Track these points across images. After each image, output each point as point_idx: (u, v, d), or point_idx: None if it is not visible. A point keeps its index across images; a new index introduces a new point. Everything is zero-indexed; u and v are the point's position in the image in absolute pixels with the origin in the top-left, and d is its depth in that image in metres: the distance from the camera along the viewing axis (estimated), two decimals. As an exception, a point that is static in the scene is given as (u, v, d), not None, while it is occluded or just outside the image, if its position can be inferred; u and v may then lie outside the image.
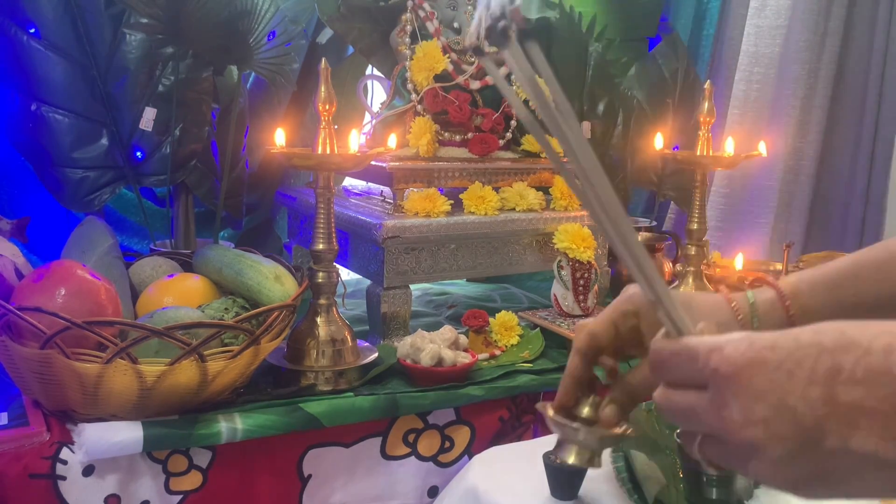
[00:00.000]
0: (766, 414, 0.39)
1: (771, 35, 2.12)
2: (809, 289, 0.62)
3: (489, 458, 1.06)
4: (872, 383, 0.37)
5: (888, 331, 0.38)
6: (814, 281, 0.63)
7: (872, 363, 0.37)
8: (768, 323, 0.62)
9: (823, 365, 0.38)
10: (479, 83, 1.46)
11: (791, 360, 0.39)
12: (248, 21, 1.38)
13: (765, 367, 0.40)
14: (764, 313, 0.62)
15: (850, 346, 0.38)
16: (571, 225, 1.35)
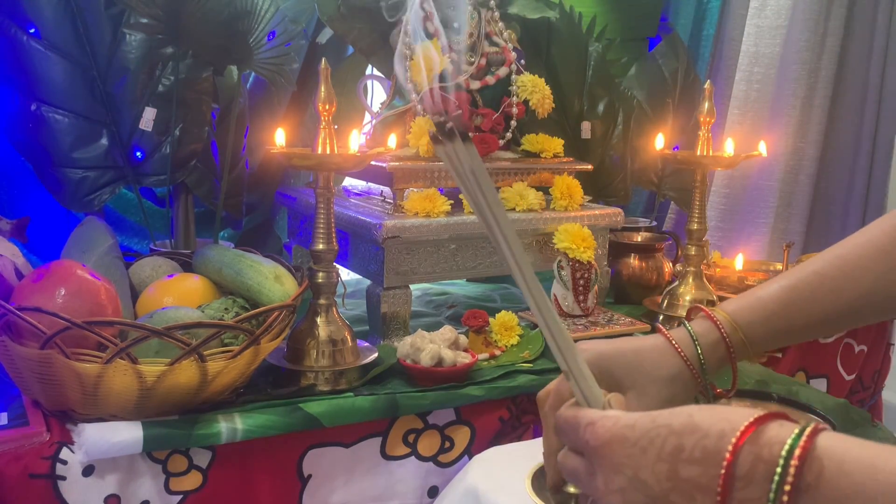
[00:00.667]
0: (622, 484, 0.45)
1: (771, 35, 2.12)
2: (747, 325, 0.67)
3: (489, 458, 1.06)
4: (707, 463, 0.42)
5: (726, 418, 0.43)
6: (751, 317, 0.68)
7: (707, 445, 0.42)
8: (714, 362, 0.67)
9: (670, 444, 0.44)
10: (479, 83, 1.46)
11: (645, 438, 0.45)
12: (248, 21, 1.38)
13: (624, 443, 0.46)
14: (709, 355, 0.67)
15: (694, 430, 0.44)
16: (571, 225, 1.35)
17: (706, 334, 0.67)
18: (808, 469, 0.40)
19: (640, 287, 1.63)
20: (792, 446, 0.40)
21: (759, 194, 2.19)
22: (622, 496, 0.46)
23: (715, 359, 0.67)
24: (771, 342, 0.67)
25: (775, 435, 0.41)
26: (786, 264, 1.70)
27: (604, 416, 0.49)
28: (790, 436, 0.41)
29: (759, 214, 2.19)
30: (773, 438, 0.41)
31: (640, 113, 1.91)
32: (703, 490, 0.42)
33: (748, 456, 0.41)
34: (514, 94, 1.47)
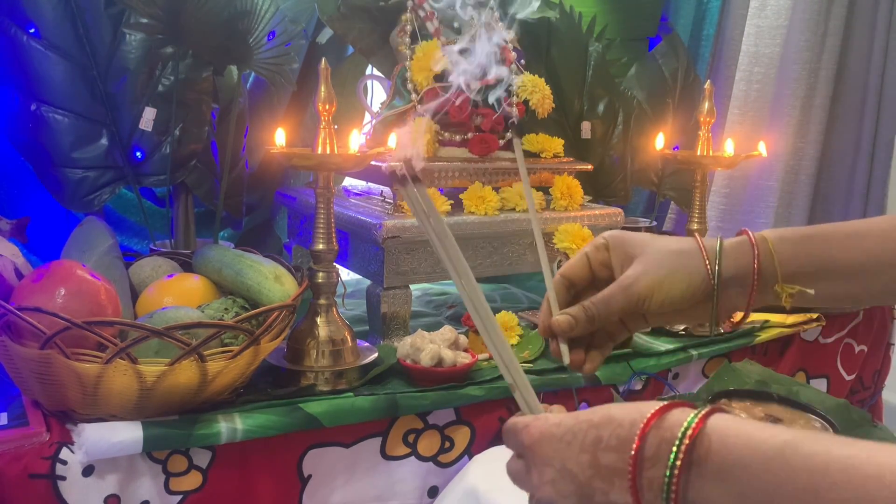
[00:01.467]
0: (553, 476, 0.51)
1: (771, 35, 2.12)
2: (777, 238, 0.65)
3: (489, 458, 1.06)
4: (621, 449, 0.47)
5: (637, 409, 0.48)
6: (785, 233, 0.65)
7: (621, 433, 0.48)
8: (733, 263, 0.64)
9: (591, 436, 0.49)
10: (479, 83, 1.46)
11: (570, 433, 0.50)
12: (248, 21, 1.38)
13: (552, 439, 0.51)
14: (729, 254, 0.64)
15: (610, 421, 0.49)
16: (571, 225, 1.35)
17: (732, 239, 0.66)
18: (699, 445, 0.45)
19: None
20: (686, 427, 0.45)
21: (759, 194, 2.19)
22: (553, 486, 0.51)
23: (735, 260, 0.64)
24: (802, 266, 0.63)
25: (676, 420, 0.46)
26: (786, 264, 1.70)
27: (536, 419, 0.54)
28: (687, 418, 0.46)
29: (759, 214, 2.19)
30: (674, 423, 0.46)
31: (640, 113, 1.91)
32: (619, 473, 0.47)
33: (654, 440, 0.46)
34: (514, 94, 1.47)
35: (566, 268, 0.68)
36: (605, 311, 0.64)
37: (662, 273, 0.63)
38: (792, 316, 1.52)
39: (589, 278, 0.68)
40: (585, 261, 0.67)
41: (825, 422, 0.96)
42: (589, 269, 0.68)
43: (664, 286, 0.63)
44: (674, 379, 1.33)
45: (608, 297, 0.64)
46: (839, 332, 1.61)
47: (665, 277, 0.63)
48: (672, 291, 0.63)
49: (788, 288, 0.64)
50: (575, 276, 0.68)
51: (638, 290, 0.63)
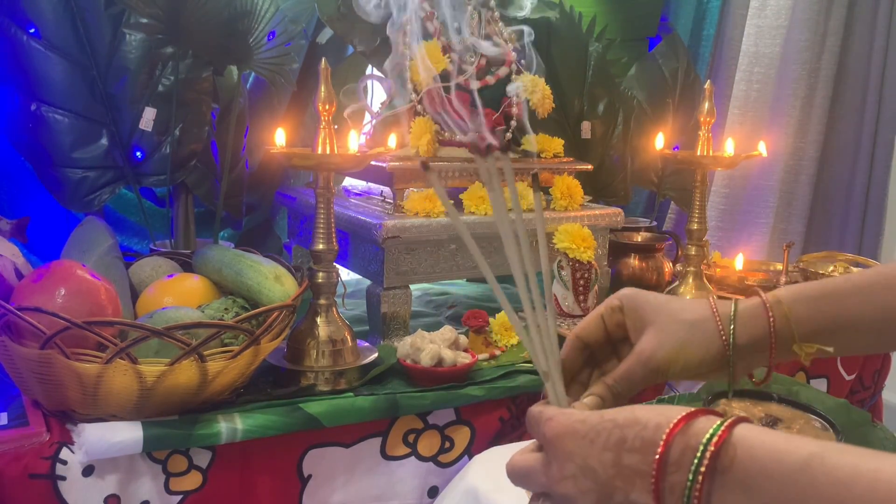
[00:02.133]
0: (574, 472, 0.51)
1: (771, 35, 2.12)
2: (791, 300, 0.65)
3: (489, 458, 1.06)
4: (645, 451, 0.48)
5: (663, 413, 0.49)
6: (798, 293, 0.65)
7: (646, 436, 0.48)
8: (749, 329, 0.64)
9: (615, 436, 0.49)
10: (479, 83, 1.46)
11: (593, 431, 0.50)
12: (248, 21, 1.38)
13: (575, 435, 0.51)
14: (744, 320, 0.65)
15: (635, 423, 0.49)
16: (571, 225, 1.35)
17: (746, 302, 0.66)
18: (724, 454, 0.45)
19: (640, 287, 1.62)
20: (711, 435, 0.46)
21: (759, 194, 2.19)
22: (574, 482, 0.51)
23: (751, 326, 0.64)
24: (818, 325, 0.64)
25: (701, 427, 0.47)
26: (786, 264, 1.70)
27: (561, 412, 0.54)
28: (712, 426, 0.46)
29: (759, 214, 2.19)
30: (699, 430, 0.47)
31: (640, 113, 1.91)
32: (642, 475, 0.48)
33: (679, 445, 0.47)
34: (514, 94, 1.47)
35: (581, 329, 0.67)
36: (628, 386, 0.64)
37: (678, 345, 0.63)
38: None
39: (604, 339, 0.67)
40: (600, 322, 0.67)
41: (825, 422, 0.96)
42: (604, 331, 0.67)
43: (681, 357, 0.63)
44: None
45: (629, 372, 0.64)
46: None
47: (681, 349, 0.63)
48: (690, 362, 0.63)
49: (807, 347, 0.64)
50: (590, 338, 0.67)
51: (656, 363, 0.63)
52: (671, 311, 0.65)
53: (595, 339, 0.67)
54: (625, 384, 0.64)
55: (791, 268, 1.73)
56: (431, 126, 1.39)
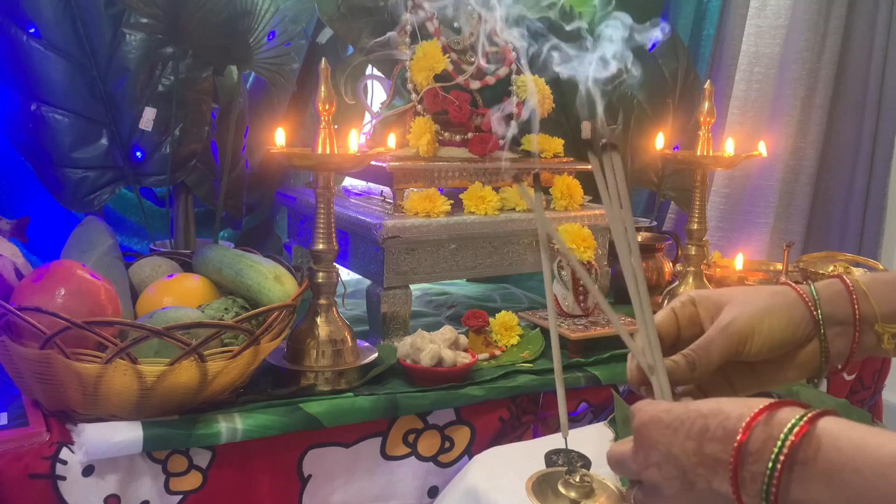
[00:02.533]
0: (658, 459, 0.52)
1: (771, 35, 2.12)
2: (870, 280, 0.64)
3: (489, 458, 1.06)
4: (726, 441, 0.48)
5: (746, 404, 0.49)
6: (873, 277, 0.65)
7: (728, 426, 0.48)
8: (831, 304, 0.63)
9: (697, 425, 0.50)
10: (479, 83, 1.46)
11: (677, 420, 0.51)
12: (248, 21, 1.38)
13: (660, 423, 0.52)
14: (826, 296, 0.63)
15: (718, 413, 0.49)
16: (571, 225, 1.35)
17: (822, 282, 0.65)
18: (807, 445, 0.45)
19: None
20: (793, 426, 0.46)
21: (759, 194, 2.19)
22: (658, 469, 0.52)
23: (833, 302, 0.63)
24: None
25: (785, 417, 0.47)
26: (786, 264, 1.70)
27: (648, 402, 0.55)
28: (795, 417, 0.46)
29: (759, 214, 2.19)
30: (782, 420, 0.47)
31: (640, 113, 1.91)
32: (722, 464, 0.48)
33: (760, 435, 0.47)
34: (514, 94, 1.47)
35: (658, 324, 0.64)
36: (705, 356, 0.61)
37: (760, 311, 0.62)
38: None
39: (675, 335, 0.65)
40: (672, 316, 0.65)
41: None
42: (676, 326, 0.65)
43: (765, 324, 0.61)
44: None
45: (707, 341, 0.62)
46: (839, 332, 1.61)
47: (764, 315, 0.61)
48: (774, 329, 0.62)
49: (890, 328, 0.63)
50: (661, 331, 0.64)
51: (737, 328, 0.61)
52: (748, 288, 0.64)
53: (666, 334, 0.65)
54: (702, 352, 0.61)
55: (791, 268, 1.73)
56: (431, 126, 1.39)
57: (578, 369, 1.22)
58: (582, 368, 1.22)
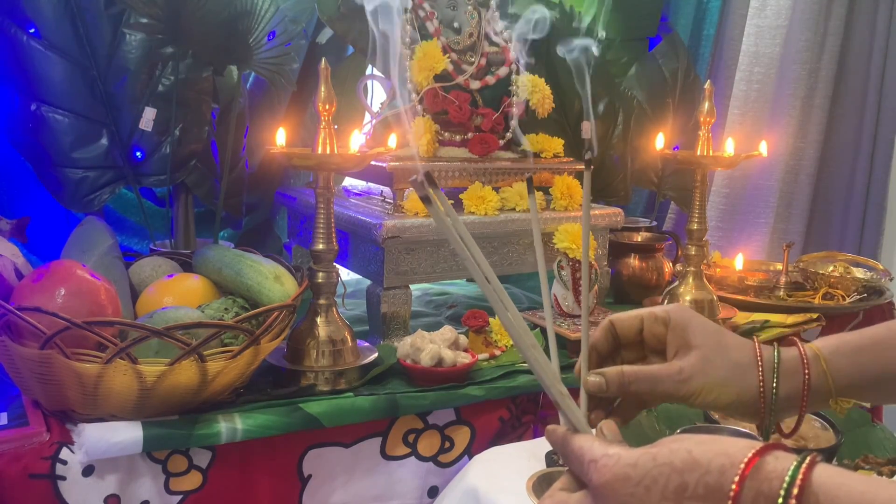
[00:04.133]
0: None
1: (771, 35, 2.12)
2: (831, 352, 0.64)
3: (489, 458, 1.06)
4: (711, 499, 0.44)
5: (724, 452, 0.45)
6: (838, 345, 0.65)
7: (710, 482, 0.44)
8: (788, 383, 0.63)
9: (673, 482, 0.46)
10: (479, 83, 1.46)
11: (648, 477, 0.47)
12: (248, 21, 1.38)
13: (627, 482, 0.48)
14: (785, 374, 0.64)
15: (695, 466, 0.45)
16: (571, 225, 1.35)
17: (788, 353, 0.65)
18: (806, 502, 0.42)
19: (640, 287, 1.63)
20: (790, 481, 0.42)
21: (759, 194, 2.19)
22: None
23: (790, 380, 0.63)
24: (858, 378, 0.64)
25: (773, 469, 0.43)
26: (786, 264, 1.70)
27: (605, 455, 0.50)
28: (788, 470, 0.43)
29: (759, 214, 2.19)
30: (771, 473, 0.43)
31: (640, 113, 1.91)
32: None
33: (749, 492, 0.43)
34: (514, 94, 1.47)
35: (617, 319, 0.66)
36: (646, 388, 0.63)
37: (716, 381, 0.62)
38: (792, 316, 1.52)
39: (636, 340, 0.67)
40: (639, 325, 0.66)
41: (825, 422, 0.96)
42: (639, 334, 0.66)
43: (714, 392, 0.62)
44: (674, 379, 1.32)
45: (656, 378, 0.63)
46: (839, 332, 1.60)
47: (717, 385, 0.62)
48: (720, 399, 0.62)
49: (843, 402, 0.64)
50: (622, 331, 0.66)
51: (689, 388, 0.62)
52: (721, 345, 0.64)
53: (626, 336, 0.66)
54: (645, 384, 0.62)
55: (791, 268, 1.73)
56: (431, 126, 1.39)
57: (578, 369, 1.22)
58: (582, 368, 1.22)
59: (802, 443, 0.91)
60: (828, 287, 1.66)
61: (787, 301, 1.60)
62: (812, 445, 0.91)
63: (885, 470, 0.89)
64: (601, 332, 0.67)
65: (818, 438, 0.92)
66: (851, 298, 1.63)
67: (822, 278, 1.67)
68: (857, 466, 0.91)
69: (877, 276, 1.70)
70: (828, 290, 1.65)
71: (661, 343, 0.65)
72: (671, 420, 1.05)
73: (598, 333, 0.67)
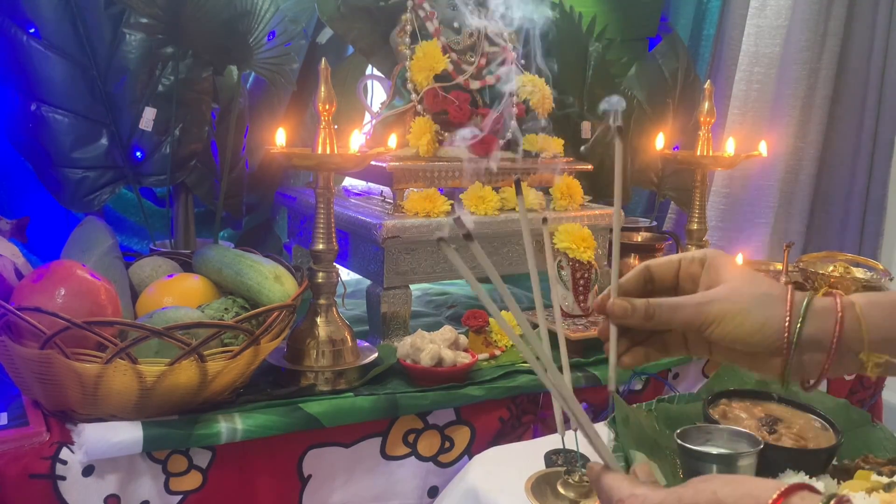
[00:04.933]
0: None
1: (771, 35, 2.12)
2: (867, 304, 0.62)
3: (489, 458, 1.06)
4: None
5: (750, 493, 0.46)
6: (874, 299, 0.62)
7: None
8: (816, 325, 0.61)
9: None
10: (479, 83, 1.46)
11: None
12: (248, 21, 1.38)
13: None
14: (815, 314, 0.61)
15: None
16: (571, 225, 1.35)
17: (821, 300, 0.62)
18: None
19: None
20: None
21: (759, 194, 2.19)
22: None
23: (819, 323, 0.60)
24: (889, 332, 0.60)
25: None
26: (786, 264, 1.70)
27: (633, 495, 0.52)
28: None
29: (759, 214, 2.19)
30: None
31: (640, 113, 1.91)
32: None
33: None
34: (514, 94, 1.47)
35: (654, 262, 0.65)
36: (667, 316, 0.62)
37: (739, 306, 0.61)
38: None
39: (672, 284, 0.65)
40: (676, 266, 0.65)
41: (825, 422, 0.96)
42: (675, 275, 0.65)
43: (735, 319, 0.60)
44: (674, 379, 1.33)
45: (677, 305, 0.62)
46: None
47: (739, 311, 0.60)
48: (741, 328, 0.60)
49: (875, 357, 0.61)
50: (658, 274, 0.65)
51: (708, 311, 0.60)
52: (752, 279, 0.62)
53: (662, 279, 0.65)
54: (666, 312, 0.61)
55: (791, 268, 1.73)
56: (431, 126, 1.39)
57: (578, 369, 1.22)
58: (582, 368, 1.22)
59: (802, 443, 0.91)
60: (828, 287, 1.65)
61: (787, 301, 1.60)
62: (812, 445, 0.91)
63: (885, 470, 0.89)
64: (634, 274, 0.65)
65: (818, 438, 0.92)
66: (851, 298, 1.63)
67: (822, 278, 1.67)
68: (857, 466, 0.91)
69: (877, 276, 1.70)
70: (828, 290, 1.65)
71: (696, 283, 0.64)
72: (671, 420, 1.05)
73: (630, 274, 0.66)
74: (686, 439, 0.83)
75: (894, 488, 0.75)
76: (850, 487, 0.74)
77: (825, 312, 0.61)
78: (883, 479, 0.75)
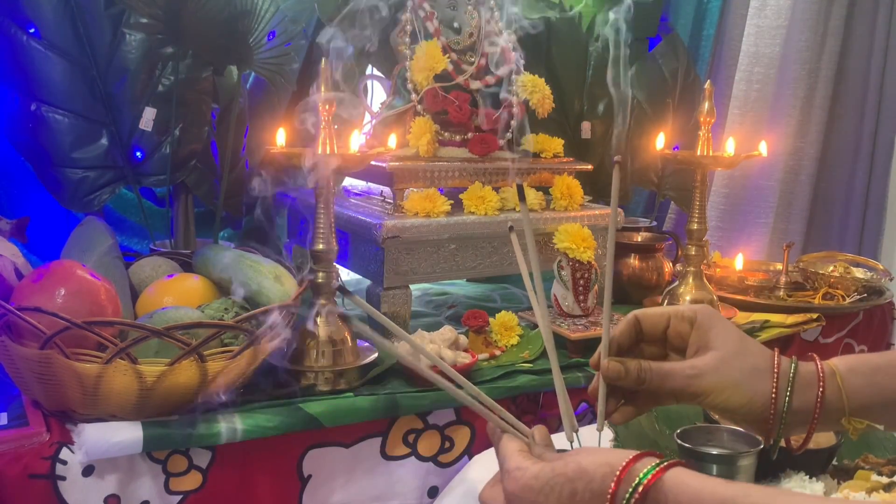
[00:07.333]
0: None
1: (771, 35, 2.12)
2: (848, 372, 0.65)
3: (489, 458, 1.06)
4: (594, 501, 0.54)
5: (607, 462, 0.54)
6: (856, 364, 0.66)
7: (594, 488, 0.54)
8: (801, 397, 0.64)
9: (566, 490, 0.55)
10: (479, 83, 1.46)
11: (547, 486, 0.56)
12: (248, 21, 1.38)
13: (531, 491, 0.57)
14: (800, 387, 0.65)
15: (583, 475, 0.55)
16: (571, 225, 1.35)
17: (805, 367, 0.66)
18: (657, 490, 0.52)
19: (641, 287, 1.63)
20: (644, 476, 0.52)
21: (759, 194, 2.19)
22: None
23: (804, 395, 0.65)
24: (872, 399, 0.64)
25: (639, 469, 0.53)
26: (786, 264, 1.70)
27: (518, 468, 0.59)
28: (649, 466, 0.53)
29: (759, 214, 2.19)
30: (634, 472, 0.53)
31: (640, 113, 1.91)
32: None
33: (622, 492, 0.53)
34: (514, 94, 1.47)
35: (643, 313, 0.69)
36: (658, 383, 0.65)
37: (729, 382, 0.64)
38: (792, 316, 1.52)
39: (661, 337, 0.69)
40: (665, 321, 0.68)
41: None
42: (664, 331, 0.68)
43: (724, 393, 0.64)
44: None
45: (668, 374, 0.65)
46: (839, 332, 1.61)
47: (728, 385, 0.64)
48: (729, 401, 0.64)
49: (856, 423, 0.64)
50: (647, 326, 0.69)
51: (699, 384, 0.64)
52: (741, 349, 0.65)
53: (651, 333, 0.68)
54: (657, 379, 0.65)
55: (791, 268, 1.73)
56: (431, 126, 1.39)
57: (578, 369, 1.22)
58: (582, 368, 1.22)
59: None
60: (828, 287, 1.66)
61: (787, 301, 1.60)
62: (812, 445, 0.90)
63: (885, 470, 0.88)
64: (625, 326, 0.68)
65: (818, 438, 0.92)
66: (851, 298, 1.63)
67: (822, 278, 1.67)
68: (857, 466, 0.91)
69: (877, 276, 1.70)
70: (828, 290, 1.65)
71: (685, 341, 0.66)
72: (671, 420, 1.05)
73: (621, 326, 0.68)
74: (686, 439, 0.83)
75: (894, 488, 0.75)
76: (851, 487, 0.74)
77: (808, 385, 0.65)
78: (883, 479, 0.75)
